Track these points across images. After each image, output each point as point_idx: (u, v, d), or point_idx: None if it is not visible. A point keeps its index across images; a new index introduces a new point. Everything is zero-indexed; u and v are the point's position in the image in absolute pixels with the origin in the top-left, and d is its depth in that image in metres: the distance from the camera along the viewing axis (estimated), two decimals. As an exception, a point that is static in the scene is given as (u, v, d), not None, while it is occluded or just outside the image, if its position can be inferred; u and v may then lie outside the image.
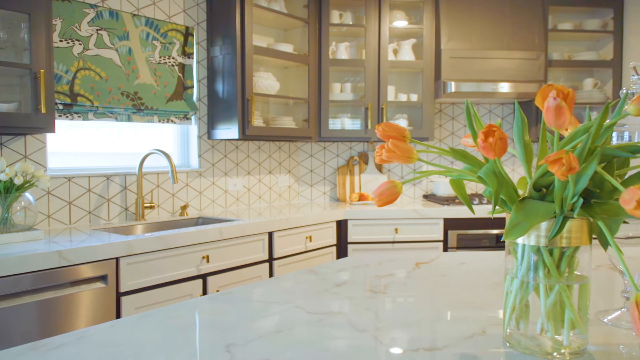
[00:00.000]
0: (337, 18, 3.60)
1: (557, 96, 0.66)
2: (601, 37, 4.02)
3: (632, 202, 0.59)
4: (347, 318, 1.04)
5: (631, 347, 0.90)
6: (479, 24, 3.65)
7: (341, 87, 3.73)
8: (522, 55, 3.63)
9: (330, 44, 3.60)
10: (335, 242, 3.28)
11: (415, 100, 3.73)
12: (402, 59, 3.71)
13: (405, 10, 3.77)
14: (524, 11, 3.70)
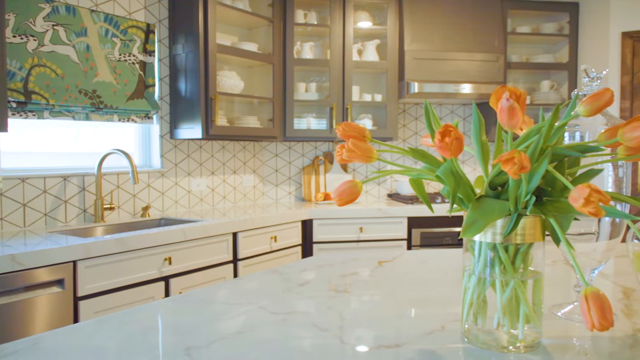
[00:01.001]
0: (302, 18, 3.60)
1: (510, 97, 0.67)
2: (557, 41, 4.16)
3: (580, 200, 0.61)
4: (310, 318, 1.04)
5: (583, 339, 0.93)
6: (441, 26, 3.72)
7: (306, 87, 3.73)
8: (482, 57, 3.72)
9: (295, 44, 3.60)
10: (301, 242, 3.28)
11: (380, 101, 3.77)
12: (366, 59, 3.74)
13: (369, 11, 3.80)
14: (484, 14, 3.79)
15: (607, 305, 0.66)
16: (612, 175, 1.03)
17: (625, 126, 0.72)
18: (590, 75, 1.00)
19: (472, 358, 0.84)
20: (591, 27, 3.94)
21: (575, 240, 1.05)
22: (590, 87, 1.00)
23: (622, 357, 0.85)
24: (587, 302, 0.66)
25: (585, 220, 1.03)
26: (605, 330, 0.66)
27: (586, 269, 1.06)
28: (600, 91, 0.76)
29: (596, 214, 0.61)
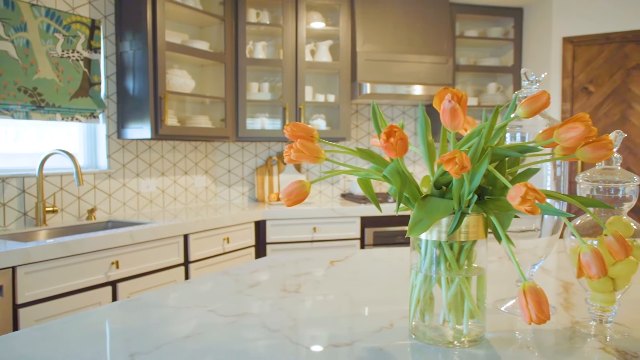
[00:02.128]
0: (254, 17, 3.57)
1: (452, 99, 0.69)
2: (503, 44, 4.31)
3: (518, 198, 0.64)
4: (260, 319, 1.03)
5: (525, 332, 0.97)
6: (392, 29, 3.78)
7: (259, 87, 3.70)
8: (432, 59, 3.80)
9: (248, 43, 3.57)
10: (254, 243, 3.25)
11: (333, 101, 3.79)
12: (319, 59, 3.75)
13: (322, 12, 3.81)
14: (434, 18, 3.88)
15: (544, 299, 0.68)
16: (551, 174, 1.07)
17: (560, 127, 0.75)
18: (530, 79, 1.04)
19: (419, 354, 0.86)
20: (534, 32, 4.10)
21: (517, 237, 1.09)
22: (529, 90, 1.04)
23: (560, 348, 0.89)
24: (525, 296, 0.68)
25: (528, 217, 1.07)
26: (542, 323, 0.68)
27: (528, 264, 1.10)
28: (538, 94, 0.79)
29: (532, 211, 0.64)
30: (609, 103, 3.82)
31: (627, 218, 0.95)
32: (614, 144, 0.92)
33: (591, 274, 0.72)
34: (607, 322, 0.96)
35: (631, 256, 0.91)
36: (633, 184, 0.93)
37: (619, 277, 0.92)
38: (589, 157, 0.79)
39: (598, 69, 3.84)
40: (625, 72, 3.76)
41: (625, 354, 0.84)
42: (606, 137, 0.79)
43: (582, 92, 3.89)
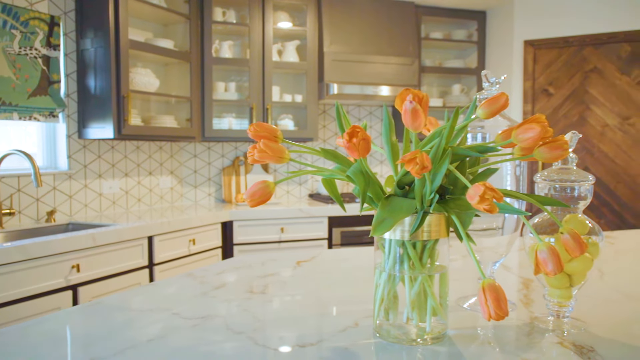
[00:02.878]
0: (220, 16, 3.54)
1: (413, 100, 0.70)
2: (467, 47, 4.40)
3: (476, 198, 0.65)
4: (224, 321, 1.02)
5: (486, 329, 0.99)
6: (359, 30, 3.81)
7: (225, 86, 3.67)
8: (398, 60, 3.85)
9: (214, 42, 3.53)
10: (221, 244, 3.22)
11: (300, 101, 3.79)
12: (286, 59, 3.74)
13: (289, 12, 3.81)
14: (400, 20, 3.93)
15: (502, 296, 0.70)
16: (511, 174, 1.10)
17: (518, 128, 0.77)
18: (490, 80, 1.06)
19: (383, 352, 0.87)
20: (497, 35, 4.20)
21: (479, 236, 1.11)
22: (490, 92, 1.06)
23: (520, 343, 0.91)
24: (485, 293, 0.70)
25: (489, 216, 1.10)
26: (501, 320, 0.70)
27: (489, 262, 1.13)
28: (497, 95, 0.81)
29: (490, 210, 0.65)
30: (568, 104, 3.94)
31: (582, 216, 0.98)
32: (569, 144, 0.95)
33: (548, 271, 0.74)
34: (564, 317, 0.99)
35: (586, 253, 0.94)
36: (588, 183, 0.97)
37: (575, 274, 0.95)
38: (546, 157, 0.81)
39: (557, 71, 3.96)
40: (583, 74, 3.89)
41: (581, 348, 0.87)
42: (562, 138, 0.81)
43: (542, 94, 4.01)
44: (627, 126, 3.79)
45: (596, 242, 0.95)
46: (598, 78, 3.85)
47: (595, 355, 0.84)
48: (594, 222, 0.97)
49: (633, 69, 3.75)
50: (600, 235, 0.97)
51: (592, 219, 0.98)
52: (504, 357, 0.84)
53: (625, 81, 3.78)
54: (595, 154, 3.88)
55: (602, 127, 3.85)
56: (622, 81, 3.78)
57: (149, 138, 3.12)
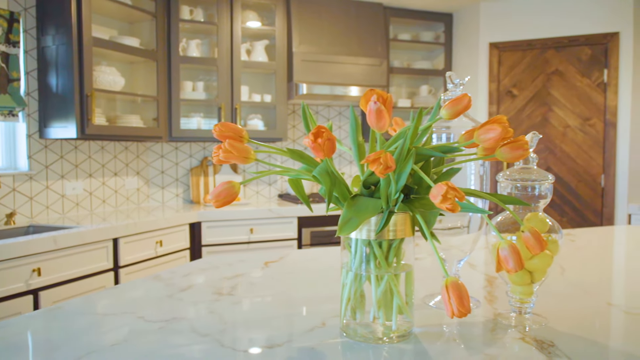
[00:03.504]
0: (188, 14, 3.49)
1: (378, 100, 0.70)
2: (435, 48, 4.46)
3: (439, 197, 0.66)
4: (190, 324, 1.01)
5: (451, 326, 1.00)
6: (328, 30, 3.82)
7: (193, 86, 3.62)
8: (367, 61, 3.87)
9: (181, 41, 3.48)
10: (189, 246, 3.18)
11: (269, 101, 3.77)
12: (255, 59, 3.72)
13: (257, 11, 3.79)
14: (368, 21, 3.96)
15: (465, 293, 0.71)
16: (475, 173, 1.12)
17: (480, 129, 0.79)
18: (455, 82, 1.08)
19: (350, 351, 0.87)
20: (463, 37, 4.28)
21: (444, 235, 1.13)
22: (454, 93, 1.07)
23: (484, 339, 0.93)
24: (448, 291, 0.71)
25: (455, 215, 1.11)
26: (463, 316, 0.71)
27: (454, 260, 1.15)
28: (460, 96, 0.82)
29: (452, 209, 0.66)
30: (531, 106, 4.05)
31: (543, 214, 1.00)
32: (529, 144, 0.97)
33: (509, 268, 0.76)
34: (526, 313, 1.01)
35: (546, 250, 0.96)
36: (548, 182, 0.99)
37: (536, 270, 0.98)
38: (507, 157, 0.83)
39: (521, 73, 4.06)
40: (545, 76, 4.00)
41: (542, 343, 0.90)
42: (522, 138, 0.83)
43: (507, 95, 4.10)
44: (587, 127, 3.91)
45: (556, 239, 0.98)
46: (560, 80, 3.97)
47: (555, 350, 0.86)
48: (553, 220, 1.00)
49: (593, 71, 3.88)
50: (560, 233, 0.99)
51: (554, 217, 1.01)
52: (467, 354, 0.86)
53: (586, 83, 3.90)
54: (557, 154, 3.99)
55: (564, 127, 3.97)
56: (583, 83, 3.91)
57: (114, 138, 3.06)
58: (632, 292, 1.28)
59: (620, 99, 3.80)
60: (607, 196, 3.87)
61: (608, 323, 1.02)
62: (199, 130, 3.53)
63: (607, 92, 3.83)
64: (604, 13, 3.79)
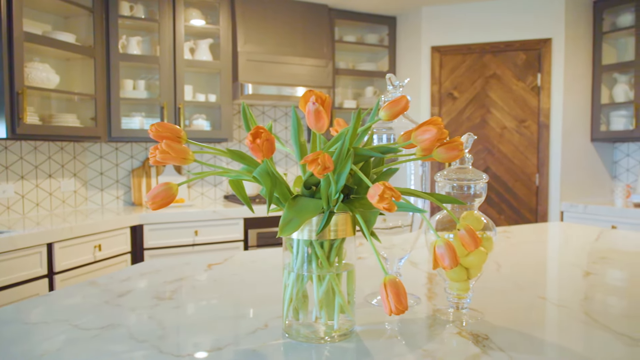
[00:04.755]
0: (128, 10, 3.38)
1: (316, 101, 0.71)
2: (379, 51, 4.54)
3: (376, 197, 0.67)
4: (127, 330, 0.97)
5: (392, 323, 1.02)
6: (274, 30, 3.80)
7: (134, 84, 3.51)
8: (313, 62, 3.89)
9: (121, 37, 3.37)
10: (130, 250, 3.08)
11: (214, 101, 3.72)
12: (199, 58, 3.65)
13: (201, 9, 3.72)
14: (314, 22, 3.98)
15: (403, 291, 0.73)
16: (414, 173, 1.15)
17: (416, 130, 0.80)
18: (394, 84, 1.10)
19: (292, 352, 0.87)
20: (406, 40, 4.38)
21: (386, 234, 1.15)
22: (394, 94, 1.10)
23: (423, 335, 0.95)
24: (386, 289, 0.72)
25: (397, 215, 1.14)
26: (401, 314, 0.72)
27: (395, 258, 1.17)
28: (398, 98, 0.84)
29: (389, 209, 0.67)
30: (471, 108, 4.20)
31: (478, 213, 1.04)
32: (465, 145, 1.01)
33: (444, 265, 0.78)
34: (463, 308, 1.05)
35: (481, 247, 1.00)
36: (482, 182, 1.03)
37: (471, 267, 1.01)
38: (444, 157, 0.85)
39: (461, 76, 4.20)
40: (484, 80, 4.16)
41: (478, 337, 0.93)
42: (458, 139, 0.86)
43: (448, 98, 4.23)
44: (523, 128, 4.10)
45: (490, 236, 1.02)
46: (497, 83, 4.13)
47: (490, 343, 0.90)
48: (488, 218, 1.04)
49: (528, 75, 4.07)
50: (494, 231, 1.04)
51: (493, 215, 1.05)
52: (407, 350, 0.88)
53: (521, 87, 4.08)
54: (495, 154, 4.16)
55: (501, 129, 4.14)
56: (518, 87, 4.09)
57: (48, 138, 2.91)
58: (563, 285, 1.35)
59: (552, 101, 4.00)
60: (542, 194, 4.07)
61: (540, 316, 1.08)
62: (141, 130, 3.43)
63: (541, 95, 4.03)
64: (538, 20, 3.99)
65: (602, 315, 1.05)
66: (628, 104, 3.94)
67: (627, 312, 1.10)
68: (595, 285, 1.32)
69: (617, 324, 0.99)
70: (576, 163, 4.10)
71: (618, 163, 4.35)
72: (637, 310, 1.10)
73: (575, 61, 4.02)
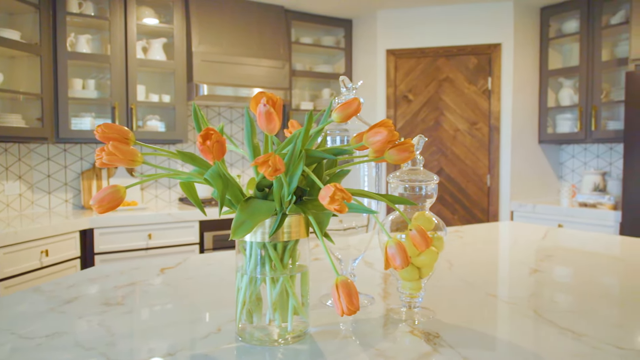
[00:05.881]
0: (76, 7, 3.27)
1: (267, 103, 0.70)
2: (336, 53, 4.57)
3: (327, 198, 0.67)
4: (74, 338, 0.94)
5: (346, 324, 1.03)
6: (229, 31, 3.76)
7: (83, 84, 3.40)
8: (269, 63, 3.87)
9: (69, 35, 3.25)
10: (80, 255, 2.97)
11: (168, 102, 3.64)
12: (152, 58, 3.57)
13: (154, 8, 3.64)
14: (270, 23, 3.96)
15: (354, 291, 0.73)
16: (368, 175, 1.16)
17: (368, 132, 0.81)
18: (347, 86, 1.11)
19: (245, 355, 0.86)
20: (362, 43, 4.42)
21: (341, 235, 1.16)
22: (347, 96, 1.10)
23: (376, 335, 0.96)
24: (338, 290, 0.73)
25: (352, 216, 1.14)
26: (353, 314, 0.73)
27: (349, 259, 1.18)
28: (350, 100, 0.85)
29: (340, 210, 0.68)
30: (425, 110, 4.28)
31: (429, 213, 1.06)
32: (416, 147, 1.03)
33: (396, 265, 0.79)
34: (415, 307, 1.07)
35: (432, 247, 1.02)
36: (433, 182, 1.05)
37: (423, 266, 1.03)
38: (395, 159, 0.87)
39: (416, 79, 4.28)
40: (437, 83, 4.26)
41: (429, 335, 0.95)
42: (409, 141, 0.88)
43: (403, 100, 4.30)
44: (474, 130, 4.22)
45: (441, 236, 1.04)
46: (450, 87, 4.24)
47: (440, 341, 0.91)
48: (439, 219, 1.06)
49: (479, 79, 4.19)
50: (445, 230, 1.06)
51: (446, 215, 1.08)
52: (360, 350, 0.88)
53: (473, 90, 4.20)
54: (448, 156, 4.26)
55: (454, 131, 4.24)
56: (470, 90, 4.21)
57: (-10, 139, 2.78)
58: (512, 283, 1.40)
59: (502, 104, 4.14)
60: (493, 195, 4.20)
61: (489, 313, 1.11)
62: (92, 131, 3.32)
63: (491, 98, 4.16)
64: (488, 25, 4.12)
65: (548, 311, 1.09)
66: (573, 107, 4.12)
67: (572, 308, 1.14)
68: (542, 282, 1.37)
69: (562, 319, 1.03)
70: (525, 164, 4.26)
71: (564, 164, 4.54)
72: (581, 306, 1.16)
73: (523, 66, 4.17)
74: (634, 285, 1.34)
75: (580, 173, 4.30)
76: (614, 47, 3.97)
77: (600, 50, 3.87)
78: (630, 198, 3.36)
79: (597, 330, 0.96)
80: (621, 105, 3.85)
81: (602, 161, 4.24)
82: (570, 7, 4.05)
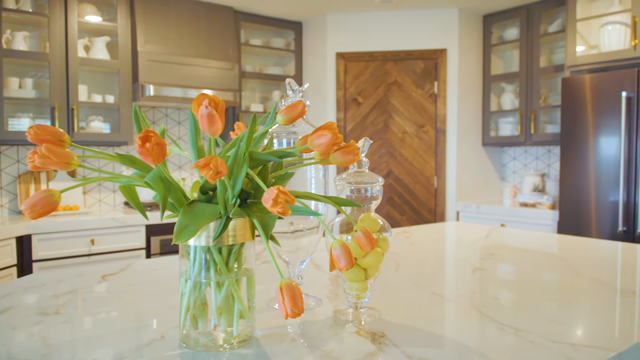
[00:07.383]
0: (13, 3, 3.12)
1: (209, 105, 0.69)
2: (286, 55, 4.57)
3: (270, 201, 0.67)
4: (6, 350, 0.89)
5: (294, 326, 1.02)
6: (177, 30, 3.69)
7: (20, 83, 3.24)
8: (218, 65, 3.82)
9: (5, 32, 3.09)
10: (16, 262, 2.83)
11: (112, 102, 3.53)
12: (95, 56, 3.45)
13: (96, 5, 3.52)
14: (219, 23, 3.91)
15: (298, 294, 0.73)
16: (315, 177, 1.16)
17: (312, 135, 0.82)
18: (294, 89, 1.11)
19: (189, 363, 0.84)
20: (312, 46, 4.44)
21: (289, 237, 1.15)
22: (293, 99, 1.11)
23: (322, 336, 0.97)
24: (282, 293, 0.72)
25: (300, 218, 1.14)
26: (297, 317, 0.73)
27: (297, 261, 1.18)
28: (295, 103, 0.85)
29: (283, 213, 0.68)
30: (374, 113, 4.35)
31: (375, 215, 1.08)
32: (361, 149, 1.04)
33: (341, 267, 0.80)
34: (361, 307, 1.08)
35: (378, 248, 1.04)
36: (378, 184, 1.07)
37: (369, 267, 1.04)
38: (340, 161, 0.87)
39: (365, 82, 4.34)
40: (386, 86, 4.33)
41: (374, 335, 0.96)
42: (353, 144, 0.89)
43: (352, 103, 4.35)
44: (422, 133, 4.32)
45: (386, 237, 1.06)
46: (398, 90, 4.32)
47: (385, 340, 0.93)
48: (384, 220, 1.08)
49: (425, 83, 4.30)
50: (389, 232, 1.08)
51: (395, 216, 1.10)
52: (306, 352, 0.88)
53: (420, 94, 4.31)
54: (397, 158, 4.34)
55: (402, 133, 4.33)
56: (417, 94, 4.31)
57: None
58: (456, 281, 1.44)
59: (448, 108, 4.26)
60: (439, 196, 4.31)
61: (433, 311, 1.13)
62: (29, 132, 3.16)
63: (438, 102, 4.27)
64: (434, 31, 4.23)
65: (490, 308, 1.13)
66: (514, 111, 4.29)
67: (512, 304, 1.19)
68: (484, 280, 1.42)
69: (503, 315, 1.07)
70: (470, 166, 4.40)
71: (506, 166, 4.72)
72: (521, 302, 1.20)
73: (467, 71, 4.32)
74: (570, 281, 1.41)
75: (521, 174, 4.48)
76: (551, 54, 4.18)
77: (538, 57, 4.06)
78: (566, 198, 3.54)
79: (535, 325, 1.01)
80: (558, 110, 4.05)
81: (541, 163, 4.44)
82: (511, 15, 4.22)
